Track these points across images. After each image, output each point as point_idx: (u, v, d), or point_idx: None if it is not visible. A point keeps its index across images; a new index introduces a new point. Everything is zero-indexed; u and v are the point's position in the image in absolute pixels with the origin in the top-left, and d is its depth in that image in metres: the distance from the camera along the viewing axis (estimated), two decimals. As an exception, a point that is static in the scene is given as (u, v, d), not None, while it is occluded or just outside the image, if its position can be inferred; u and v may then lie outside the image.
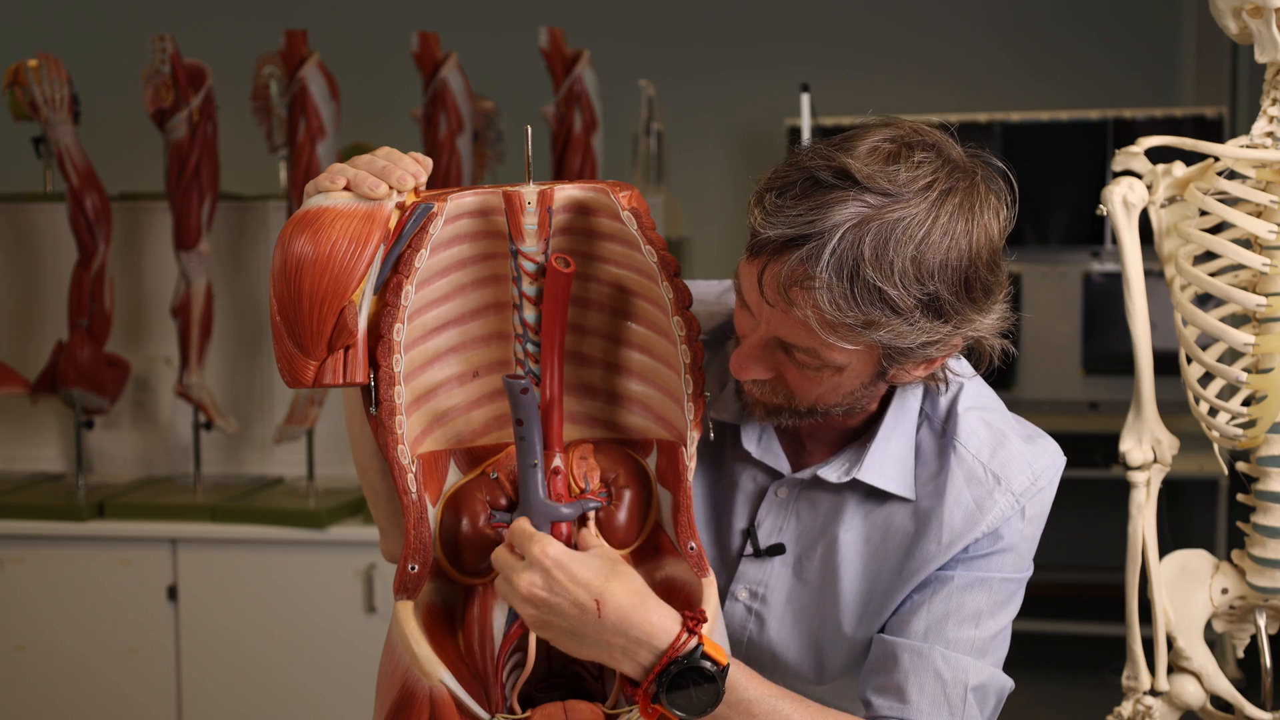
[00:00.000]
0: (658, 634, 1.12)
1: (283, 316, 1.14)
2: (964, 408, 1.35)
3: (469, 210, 1.23)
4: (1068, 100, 4.82)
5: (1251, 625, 1.87)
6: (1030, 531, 1.35)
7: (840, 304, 1.13)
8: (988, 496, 1.31)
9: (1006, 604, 1.34)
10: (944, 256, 1.14)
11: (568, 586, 1.13)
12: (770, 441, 1.37)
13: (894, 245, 1.12)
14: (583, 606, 1.12)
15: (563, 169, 3.43)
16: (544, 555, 1.14)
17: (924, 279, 1.13)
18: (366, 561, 3.06)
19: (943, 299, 1.15)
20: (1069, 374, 4.51)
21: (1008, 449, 1.34)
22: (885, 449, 1.34)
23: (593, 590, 1.12)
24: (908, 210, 1.13)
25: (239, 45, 4.00)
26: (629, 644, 1.13)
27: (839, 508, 1.36)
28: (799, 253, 1.13)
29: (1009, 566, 1.33)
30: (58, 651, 3.16)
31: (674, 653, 1.12)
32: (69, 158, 3.12)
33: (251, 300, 3.51)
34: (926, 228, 1.13)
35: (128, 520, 3.15)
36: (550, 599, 1.13)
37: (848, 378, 1.23)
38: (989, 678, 1.31)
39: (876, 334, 1.15)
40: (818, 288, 1.13)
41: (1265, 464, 1.77)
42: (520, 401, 1.17)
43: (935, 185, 1.15)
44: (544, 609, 1.13)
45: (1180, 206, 1.82)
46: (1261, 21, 1.72)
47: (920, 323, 1.15)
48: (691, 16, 5.45)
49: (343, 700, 3.07)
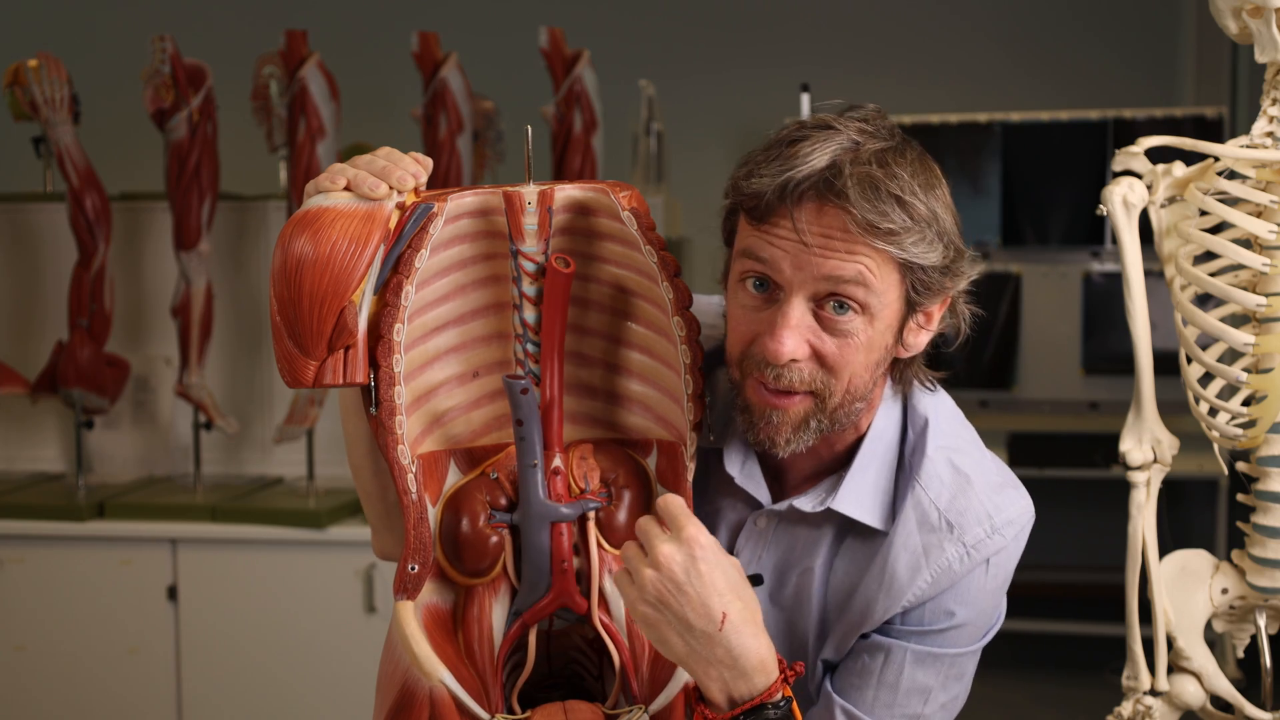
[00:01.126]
0: (762, 673, 1.11)
1: (283, 316, 1.14)
2: (933, 447, 1.32)
3: (469, 210, 1.23)
4: (1068, 100, 4.81)
5: (1251, 625, 1.87)
6: (992, 601, 1.33)
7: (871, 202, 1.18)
8: (936, 545, 1.29)
9: (960, 676, 1.34)
10: (927, 180, 1.23)
11: (706, 583, 1.09)
12: (752, 468, 1.36)
13: (895, 162, 1.21)
14: (710, 612, 1.09)
15: (563, 169, 3.43)
16: (696, 540, 1.10)
17: (924, 197, 1.21)
18: (366, 561, 3.06)
19: (940, 219, 1.23)
20: (1069, 374, 4.50)
21: (968, 496, 1.31)
22: (863, 479, 1.32)
23: (725, 600, 1.09)
24: (885, 143, 1.23)
25: (239, 45, 4.00)
26: (732, 670, 1.10)
27: (816, 541, 1.35)
28: (815, 180, 1.19)
29: (963, 640, 1.32)
30: (58, 651, 3.16)
31: (768, 696, 1.11)
32: (69, 158, 3.12)
33: (251, 300, 3.51)
34: (906, 157, 1.23)
35: (128, 520, 3.15)
36: (684, 586, 1.09)
37: (878, 331, 1.23)
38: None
39: (902, 236, 1.19)
40: (845, 190, 1.18)
41: (1265, 464, 1.77)
42: (520, 401, 1.17)
43: (895, 133, 1.26)
44: (674, 593, 1.09)
45: (1180, 206, 1.82)
46: (1261, 21, 1.72)
47: (930, 235, 1.21)
48: (691, 16, 5.45)
49: (343, 700, 3.07)
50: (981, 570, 1.31)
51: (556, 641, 1.30)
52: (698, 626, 1.09)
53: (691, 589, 1.09)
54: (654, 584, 1.10)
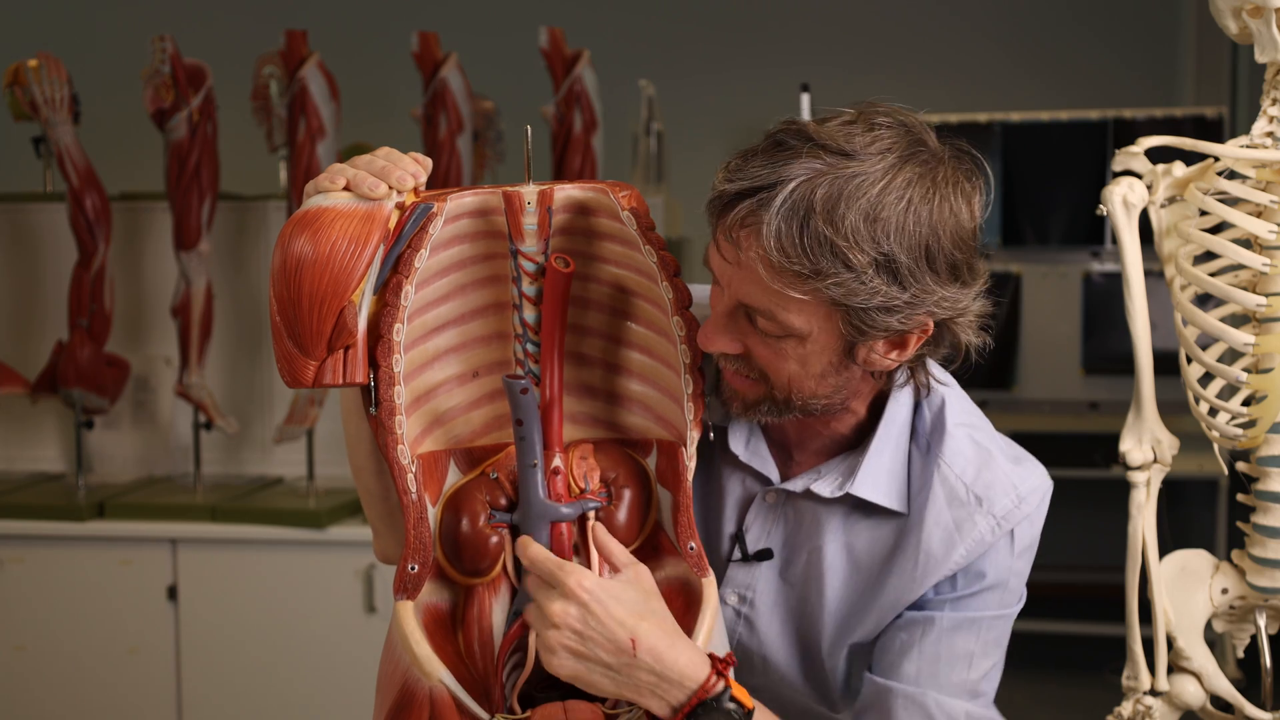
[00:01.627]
0: (689, 675, 1.13)
1: (283, 316, 1.14)
2: (953, 424, 1.33)
3: (469, 210, 1.23)
4: (1068, 100, 4.81)
5: (1251, 625, 1.87)
6: (1019, 565, 1.34)
7: (787, 249, 1.14)
8: (968, 519, 1.30)
9: (998, 641, 1.34)
10: (900, 220, 1.15)
11: (605, 622, 1.12)
12: (758, 445, 1.36)
13: (845, 200, 1.14)
14: (618, 645, 1.12)
15: (563, 169, 3.43)
16: (580, 588, 1.12)
17: (878, 238, 1.14)
18: (366, 561, 3.06)
19: (898, 262, 1.15)
20: (1069, 374, 4.50)
21: (992, 469, 1.32)
22: (879, 461, 1.32)
23: (628, 628, 1.12)
24: (863, 168, 1.15)
25: (239, 45, 4.00)
26: (660, 683, 1.13)
27: (827, 516, 1.35)
28: (750, 201, 1.16)
29: (995, 604, 1.33)
30: (58, 651, 3.16)
31: (704, 694, 1.12)
32: (69, 158, 3.11)
33: (251, 300, 3.50)
34: (881, 187, 1.15)
35: (128, 520, 3.15)
36: (586, 632, 1.12)
37: (813, 351, 1.21)
38: (980, 717, 1.32)
39: (826, 285, 1.14)
40: (765, 232, 1.14)
41: (1265, 464, 1.77)
42: (520, 401, 1.17)
43: (893, 150, 1.17)
44: (579, 642, 1.12)
45: (1180, 206, 1.82)
46: (1261, 21, 1.71)
47: (874, 282, 1.15)
48: (691, 16, 5.45)
49: (343, 700, 3.07)
50: (1008, 538, 1.32)
51: (556, 641, 1.30)
52: (614, 661, 1.13)
53: (594, 632, 1.12)
54: (559, 641, 1.13)
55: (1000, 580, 1.32)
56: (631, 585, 1.16)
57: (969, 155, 1.24)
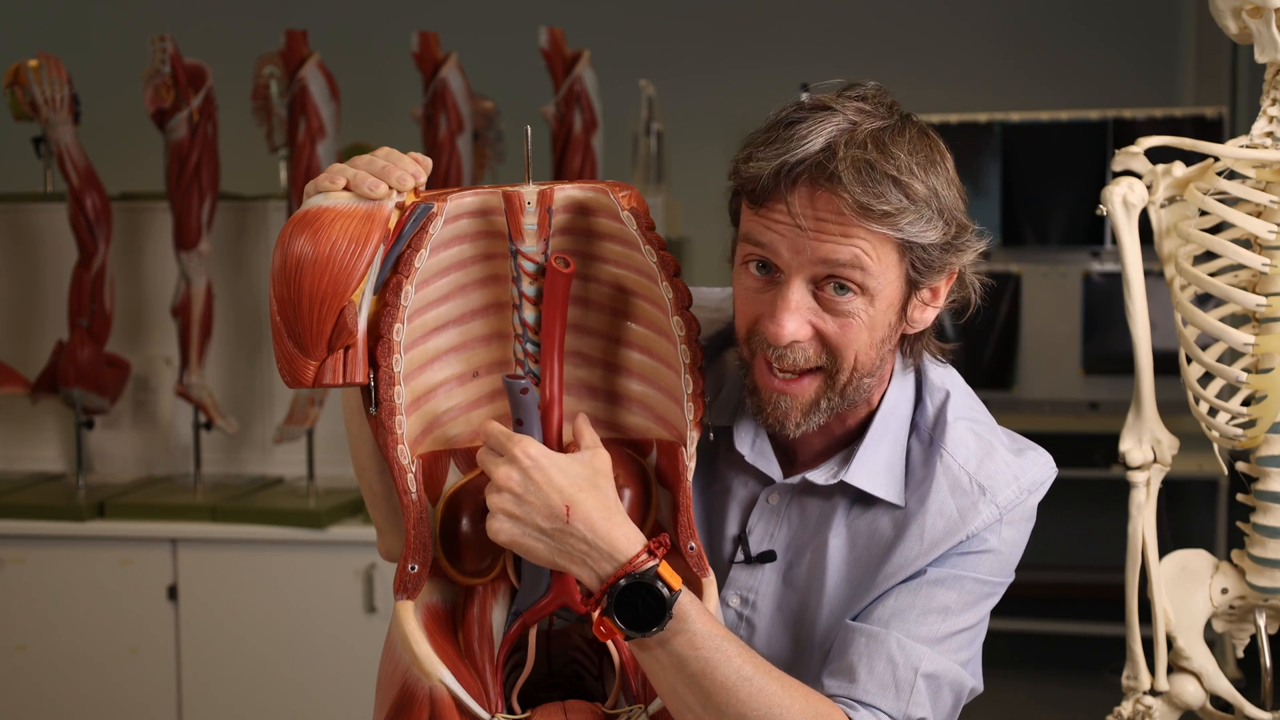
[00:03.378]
0: (620, 548, 1.13)
1: (283, 316, 1.14)
2: (953, 417, 1.34)
3: (469, 210, 1.23)
4: (1068, 100, 4.81)
5: (1251, 625, 1.87)
6: (1013, 536, 1.33)
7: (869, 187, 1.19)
8: (971, 508, 1.30)
9: (977, 605, 1.32)
10: (930, 155, 1.24)
11: (543, 488, 1.14)
12: (763, 446, 1.37)
13: (890, 140, 1.21)
14: (553, 511, 1.13)
15: (563, 169, 3.43)
16: (524, 455, 1.15)
17: (923, 173, 1.22)
18: (366, 561, 3.06)
19: (941, 196, 1.23)
20: (1069, 374, 4.50)
21: (995, 460, 1.33)
22: (875, 453, 1.33)
23: (565, 496, 1.14)
24: (883, 122, 1.23)
25: (239, 45, 4.00)
26: (591, 552, 1.14)
27: (829, 515, 1.35)
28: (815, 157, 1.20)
29: (985, 568, 1.32)
30: (58, 651, 3.16)
31: (631, 568, 1.12)
32: (69, 158, 3.12)
33: (251, 300, 3.51)
34: (905, 135, 1.23)
35: (128, 520, 3.15)
36: (525, 497, 1.14)
37: (879, 310, 1.24)
38: (944, 669, 1.28)
39: (901, 221, 1.20)
40: (846, 179, 1.19)
41: (1265, 464, 1.77)
42: (520, 401, 1.17)
43: (894, 110, 1.26)
44: (517, 505, 1.14)
45: (1180, 206, 1.82)
46: (1261, 21, 1.72)
47: (930, 214, 1.22)
48: (691, 16, 5.45)
49: (343, 700, 3.07)
50: (1018, 509, 1.33)
51: (556, 641, 1.30)
52: (548, 527, 1.14)
53: (533, 497, 1.14)
54: (500, 505, 1.15)
55: (994, 547, 1.32)
56: (580, 461, 1.17)
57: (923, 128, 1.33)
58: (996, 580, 1.34)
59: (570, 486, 1.14)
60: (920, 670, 1.27)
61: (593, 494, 1.15)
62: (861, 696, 1.25)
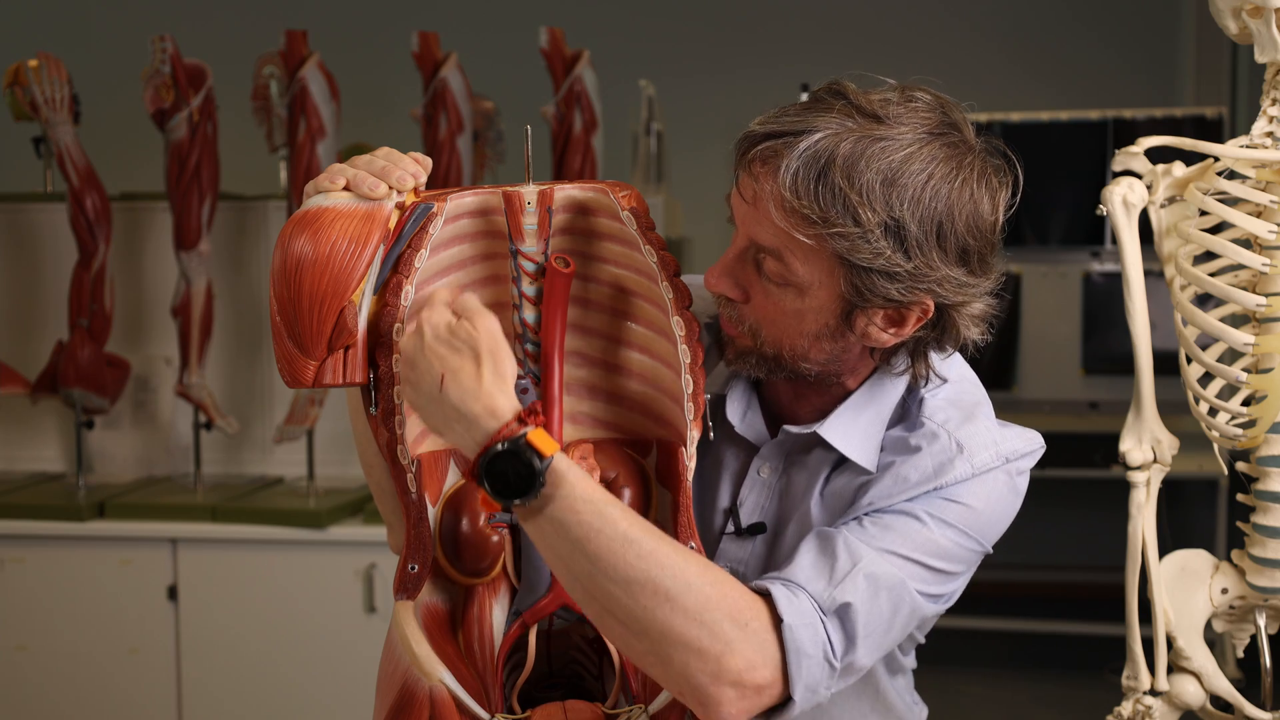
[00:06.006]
0: (489, 419, 1.11)
1: (283, 316, 1.14)
2: (942, 396, 1.34)
3: (469, 210, 1.23)
4: (1068, 100, 4.81)
5: (1251, 625, 1.87)
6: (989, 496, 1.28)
7: (800, 191, 1.18)
8: (948, 463, 1.27)
9: (942, 554, 1.25)
10: (918, 191, 1.19)
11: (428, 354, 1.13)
12: (754, 417, 1.38)
13: (866, 160, 1.18)
14: (431, 376, 1.13)
15: (563, 169, 3.43)
16: (426, 319, 1.14)
17: (891, 202, 1.18)
18: (366, 561, 3.06)
19: (907, 230, 1.19)
20: (1069, 374, 4.50)
21: (975, 425, 1.31)
22: (853, 416, 1.32)
23: (446, 362, 1.12)
24: (891, 134, 1.19)
25: (239, 45, 3.99)
26: (462, 423, 1.12)
27: (811, 483, 1.35)
28: (776, 142, 1.19)
29: (953, 515, 1.26)
30: (58, 651, 3.16)
31: (499, 436, 1.10)
32: (69, 158, 3.12)
33: (251, 300, 3.51)
34: (905, 155, 1.19)
35: (128, 520, 3.15)
36: (412, 357, 1.14)
37: (810, 307, 1.23)
38: (888, 575, 1.21)
39: (832, 234, 1.18)
40: (783, 171, 1.18)
41: (1265, 464, 1.77)
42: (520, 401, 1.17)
43: (925, 126, 1.21)
44: (410, 370, 1.15)
45: (1180, 206, 1.82)
46: (1261, 21, 1.71)
47: (879, 244, 1.18)
48: (691, 16, 5.45)
49: (343, 700, 3.07)
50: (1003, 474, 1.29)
51: (556, 641, 1.30)
52: (431, 392, 1.13)
53: (420, 360, 1.13)
54: (401, 368, 1.17)
55: (965, 501, 1.27)
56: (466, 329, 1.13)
57: (1003, 155, 1.28)
58: (966, 535, 1.27)
59: (453, 356, 1.12)
60: (861, 568, 1.20)
61: (473, 366, 1.12)
62: (790, 577, 1.20)
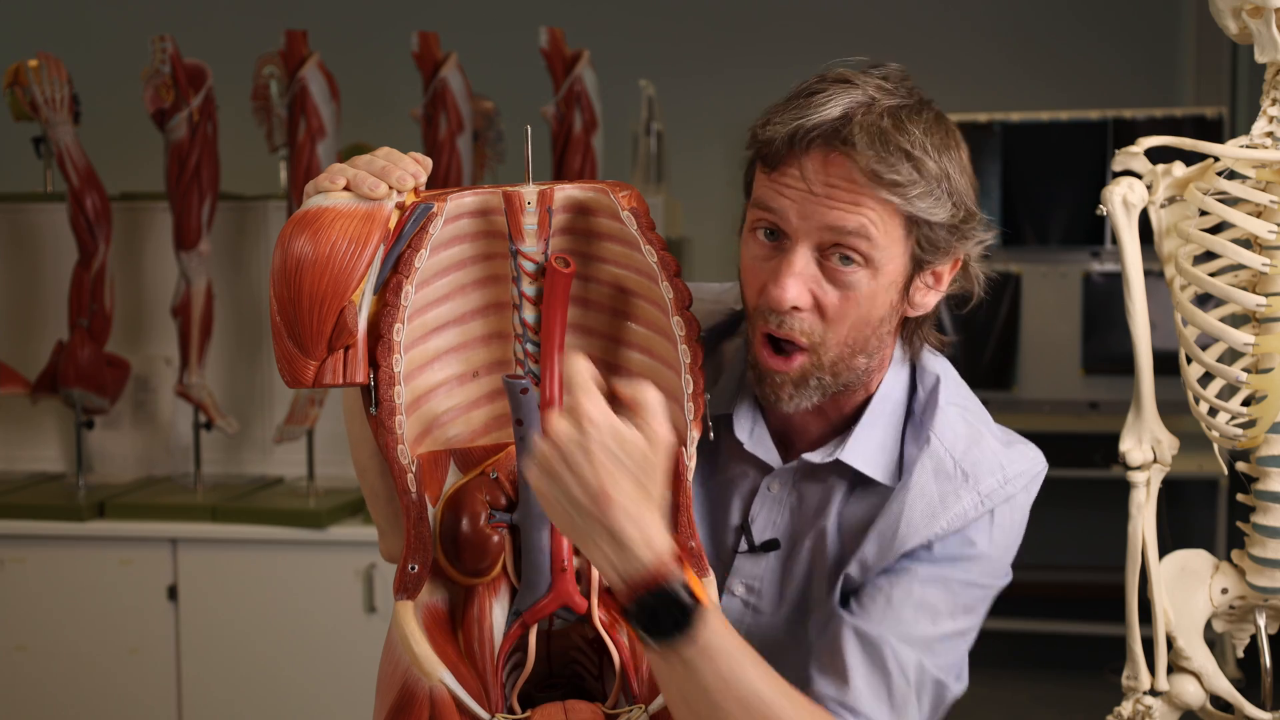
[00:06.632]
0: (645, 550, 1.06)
1: (283, 316, 1.14)
2: (945, 401, 1.35)
3: (469, 210, 1.23)
4: (1068, 100, 4.81)
5: (1251, 625, 1.87)
6: (1003, 539, 1.33)
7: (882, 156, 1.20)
8: (953, 493, 1.30)
9: (969, 610, 1.32)
10: (942, 140, 1.24)
11: (593, 461, 1.04)
12: (761, 434, 1.37)
13: (908, 117, 1.23)
14: (590, 489, 1.05)
15: (563, 169, 3.43)
16: (588, 414, 1.05)
17: (934, 154, 1.22)
18: (366, 561, 3.06)
19: (953, 178, 1.24)
20: (1069, 374, 4.50)
21: (982, 447, 1.33)
22: (870, 434, 1.34)
23: (612, 480, 1.05)
24: (902, 100, 1.24)
25: (239, 45, 3.99)
26: (614, 548, 1.06)
27: (827, 499, 1.36)
28: (832, 122, 1.21)
29: (977, 572, 1.32)
30: (58, 651, 3.16)
31: (657, 575, 1.06)
32: (69, 158, 3.12)
33: (251, 300, 3.51)
34: (922, 116, 1.24)
35: (128, 520, 3.15)
36: (570, 459, 1.05)
37: (881, 287, 1.25)
38: (932, 675, 1.29)
39: (912, 193, 1.21)
40: (860, 145, 1.20)
41: (1265, 464, 1.77)
42: (520, 401, 1.17)
43: (914, 93, 1.27)
44: (559, 465, 1.06)
45: (1180, 206, 1.82)
46: (1261, 21, 1.71)
47: (939, 194, 1.22)
48: (691, 16, 5.45)
49: (343, 700, 3.07)
50: (989, 516, 1.32)
51: (556, 641, 1.30)
52: (581, 502, 1.05)
53: (576, 465, 1.05)
54: (543, 455, 1.07)
55: (985, 552, 1.32)
56: (639, 445, 1.07)
57: None
58: (987, 584, 1.33)
59: (620, 471, 1.05)
60: (911, 679, 1.27)
61: (636, 486, 1.06)
62: (855, 704, 1.26)
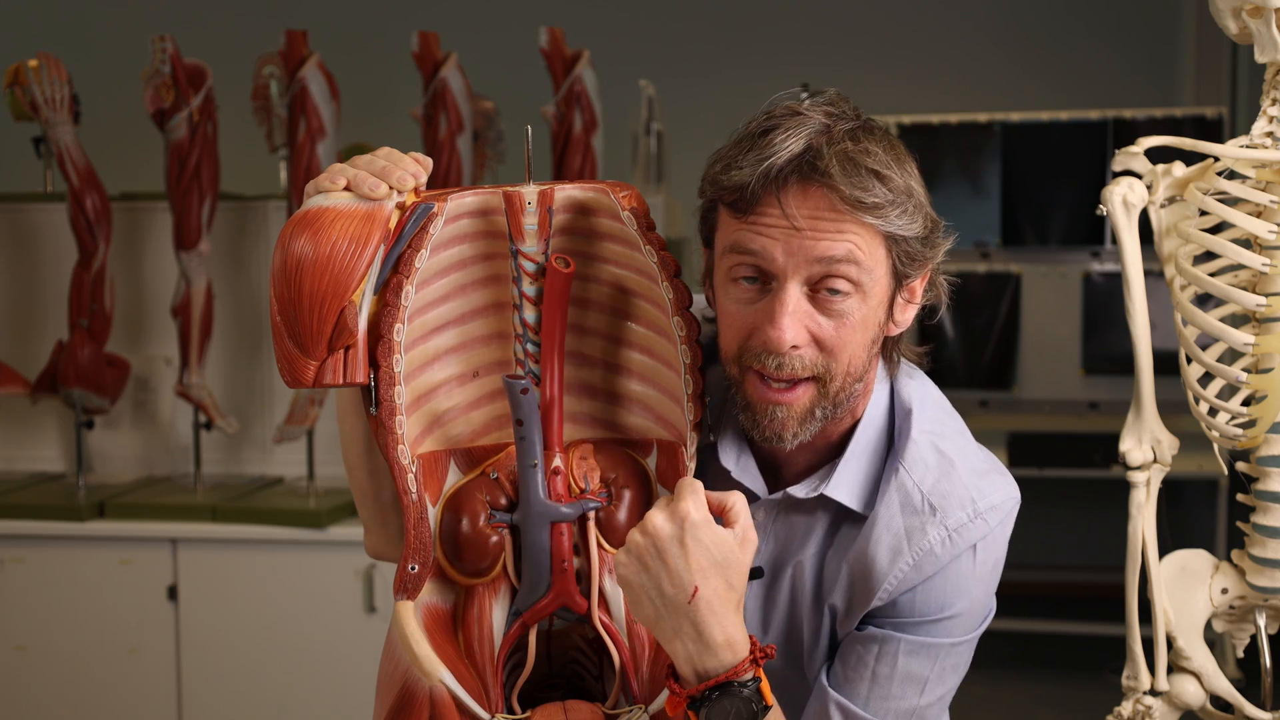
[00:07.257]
0: (727, 650, 1.12)
1: (283, 316, 1.14)
2: (918, 430, 1.32)
3: (469, 210, 1.23)
4: (1068, 100, 4.81)
5: (1251, 625, 1.87)
6: (983, 586, 1.31)
7: (854, 182, 1.20)
8: (919, 528, 1.28)
9: (955, 667, 1.32)
10: (898, 155, 1.25)
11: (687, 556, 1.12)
12: (747, 462, 1.36)
13: (864, 140, 1.23)
14: (681, 583, 1.12)
15: (563, 169, 3.43)
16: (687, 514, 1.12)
17: (897, 170, 1.23)
18: (366, 561, 3.05)
19: (915, 191, 1.25)
20: (1069, 374, 4.50)
21: (952, 480, 1.30)
22: (855, 466, 1.32)
23: (702, 576, 1.12)
24: (853, 123, 1.25)
25: (239, 45, 4.00)
26: (697, 644, 1.12)
27: (810, 530, 1.35)
28: (801, 157, 1.21)
29: (958, 630, 1.31)
30: (58, 651, 3.16)
31: (733, 674, 1.12)
32: (69, 158, 3.12)
33: (251, 300, 3.51)
34: (875, 135, 1.25)
35: (128, 520, 3.15)
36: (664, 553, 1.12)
37: (871, 308, 1.25)
38: None
39: (888, 212, 1.21)
40: (834, 174, 1.19)
41: (1265, 464, 1.77)
42: (520, 401, 1.18)
43: (859, 113, 1.27)
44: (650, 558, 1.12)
45: (1180, 206, 1.82)
46: (1261, 21, 1.71)
47: (909, 207, 1.23)
48: (691, 16, 5.45)
49: (343, 700, 3.07)
50: (969, 556, 1.29)
51: (556, 641, 1.30)
52: (669, 595, 1.12)
53: (670, 559, 1.12)
54: (637, 547, 1.13)
55: (963, 610, 1.30)
56: (730, 545, 1.14)
57: None
58: (972, 636, 1.33)
59: (711, 568, 1.12)
60: None
61: (724, 585, 1.13)
62: None
